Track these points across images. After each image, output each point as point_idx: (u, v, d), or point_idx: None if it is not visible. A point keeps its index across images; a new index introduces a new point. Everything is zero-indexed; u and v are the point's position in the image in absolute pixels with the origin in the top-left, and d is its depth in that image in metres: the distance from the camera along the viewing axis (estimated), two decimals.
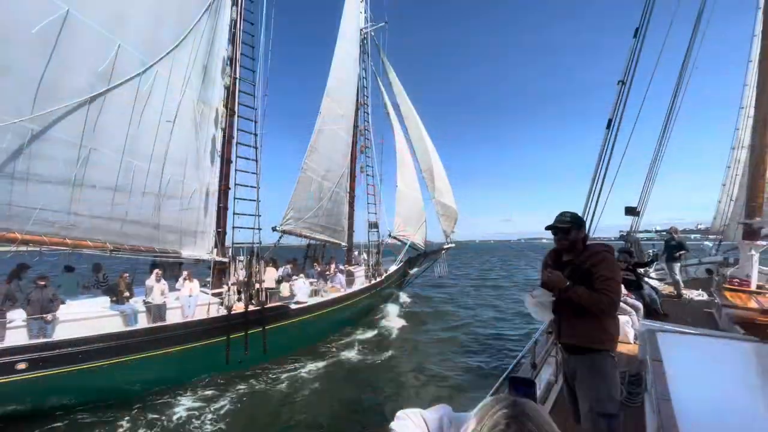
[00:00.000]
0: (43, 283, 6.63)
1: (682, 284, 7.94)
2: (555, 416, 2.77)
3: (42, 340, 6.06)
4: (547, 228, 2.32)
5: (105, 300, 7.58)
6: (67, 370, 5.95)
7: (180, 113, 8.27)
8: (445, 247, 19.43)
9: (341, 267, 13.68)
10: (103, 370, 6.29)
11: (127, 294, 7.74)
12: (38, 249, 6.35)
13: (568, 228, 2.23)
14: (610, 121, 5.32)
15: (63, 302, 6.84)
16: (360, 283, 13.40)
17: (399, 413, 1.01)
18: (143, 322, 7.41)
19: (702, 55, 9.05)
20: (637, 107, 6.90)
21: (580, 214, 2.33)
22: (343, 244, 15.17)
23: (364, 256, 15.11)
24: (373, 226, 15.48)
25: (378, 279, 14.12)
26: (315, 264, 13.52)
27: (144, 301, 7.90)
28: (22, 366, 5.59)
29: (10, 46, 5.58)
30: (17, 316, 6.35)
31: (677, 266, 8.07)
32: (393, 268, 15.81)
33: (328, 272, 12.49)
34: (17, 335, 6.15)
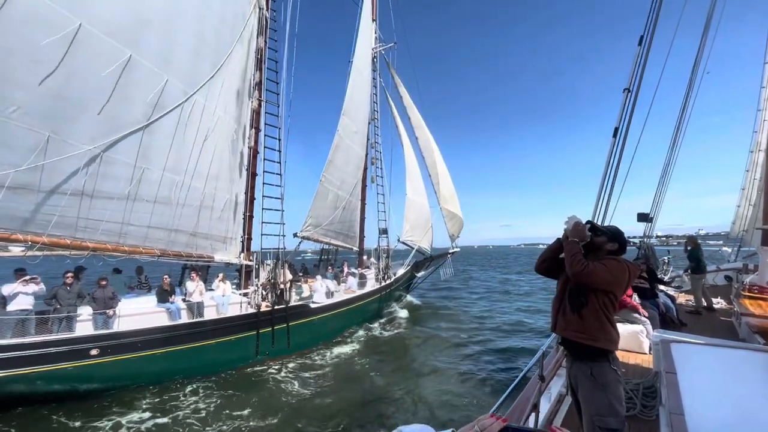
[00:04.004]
0: (104, 283, 7.78)
1: (702, 300, 7.15)
2: (567, 429, 3.15)
3: (109, 330, 7.17)
4: (586, 222, 2.37)
5: (150, 298, 8.72)
6: (130, 356, 7.05)
7: (215, 134, 9.40)
8: (451, 251, 20.31)
9: (353, 270, 14.71)
10: (156, 357, 7.39)
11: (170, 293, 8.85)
12: (101, 255, 7.49)
13: (601, 232, 2.29)
14: (616, 129, 5.13)
15: (120, 300, 7.98)
16: (371, 285, 14.40)
17: None
18: (184, 318, 8.50)
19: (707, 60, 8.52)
20: (644, 113, 6.55)
21: (621, 234, 2.35)
22: (355, 248, 16.22)
23: (373, 260, 16.13)
24: (383, 232, 16.47)
25: (387, 281, 15.10)
26: (329, 267, 14.57)
27: (183, 299, 9.00)
28: (94, 352, 6.71)
29: (87, 86, 6.74)
30: (83, 311, 7.49)
31: (700, 280, 7.24)
32: (401, 271, 16.78)
33: (342, 275, 13.52)
34: (84, 327, 7.28)
